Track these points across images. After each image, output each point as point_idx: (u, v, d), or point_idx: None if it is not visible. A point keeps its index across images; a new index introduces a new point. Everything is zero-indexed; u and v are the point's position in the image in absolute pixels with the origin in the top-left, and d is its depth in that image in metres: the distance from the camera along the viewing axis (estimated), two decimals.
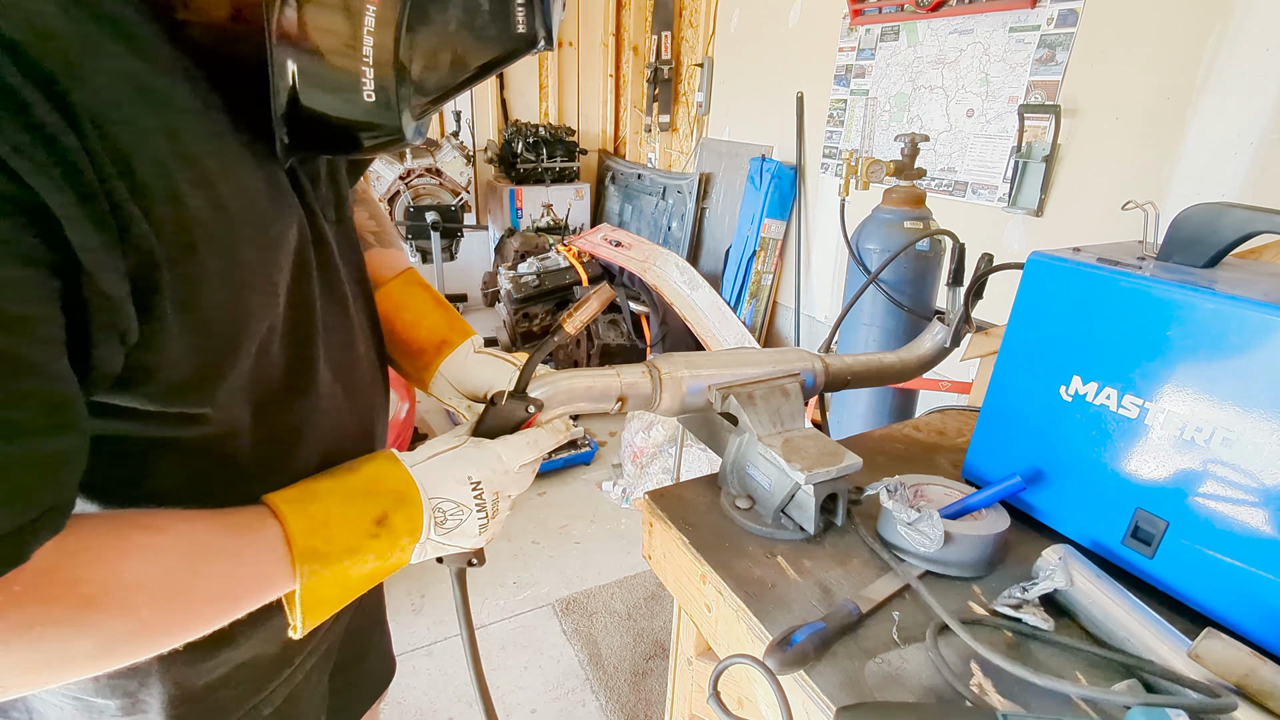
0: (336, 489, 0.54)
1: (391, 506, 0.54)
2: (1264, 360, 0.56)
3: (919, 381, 2.07)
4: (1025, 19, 2.14)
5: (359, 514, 0.53)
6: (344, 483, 0.54)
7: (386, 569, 0.54)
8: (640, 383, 0.72)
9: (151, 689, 0.55)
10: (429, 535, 0.56)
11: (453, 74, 0.50)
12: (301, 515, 0.50)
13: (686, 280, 3.34)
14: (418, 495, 0.55)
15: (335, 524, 0.51)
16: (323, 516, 0.51)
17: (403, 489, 0.55)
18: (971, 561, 0.68)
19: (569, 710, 1.72)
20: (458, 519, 0.58)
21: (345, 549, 0.51)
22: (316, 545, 0.49)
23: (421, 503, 0.55)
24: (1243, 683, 0.51)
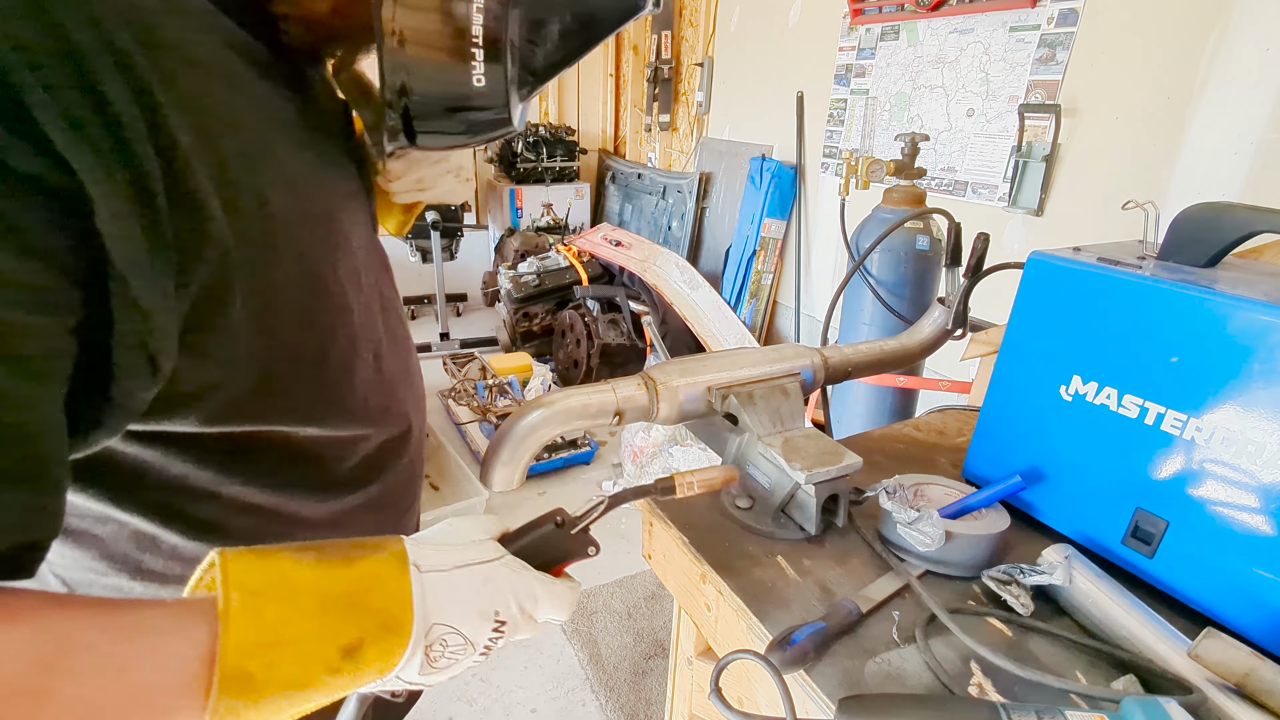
0: (315, 587, 0.39)
1: (371, 634, 0.39)
2: (1264, 360, 0.56)
3: (919, 381, 2.07)
4: (1025, 18, 2.14)
5: (326, 636, 0.38)
6: (328, 579, 0.39)
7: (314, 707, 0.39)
8: (636, 395, 0.72)
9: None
10: (404, 672, 0.41)
11: (561, 47, 0.47)
12: (252, 618, 0.36)
13: (686, 280, 3.34)
14: (409, 624, 0.40)
15: (289, 645, 0.37)
16: (279, 629, 0.36)
17: (395, 611, 0.40)
18: (972, 561, 0.68)
19: (569, 710, 1.72)
20: (453, 659, 0.43)
21: (287, 682, 0.36)
22: (252, 671, 0.35)
23: (410, 635, 0.40)
24: (1243, 683, 0.51)
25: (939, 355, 1.05)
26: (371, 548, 0.42)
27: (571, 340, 3.36)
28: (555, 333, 3.50)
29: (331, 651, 0.38)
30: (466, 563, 0.44)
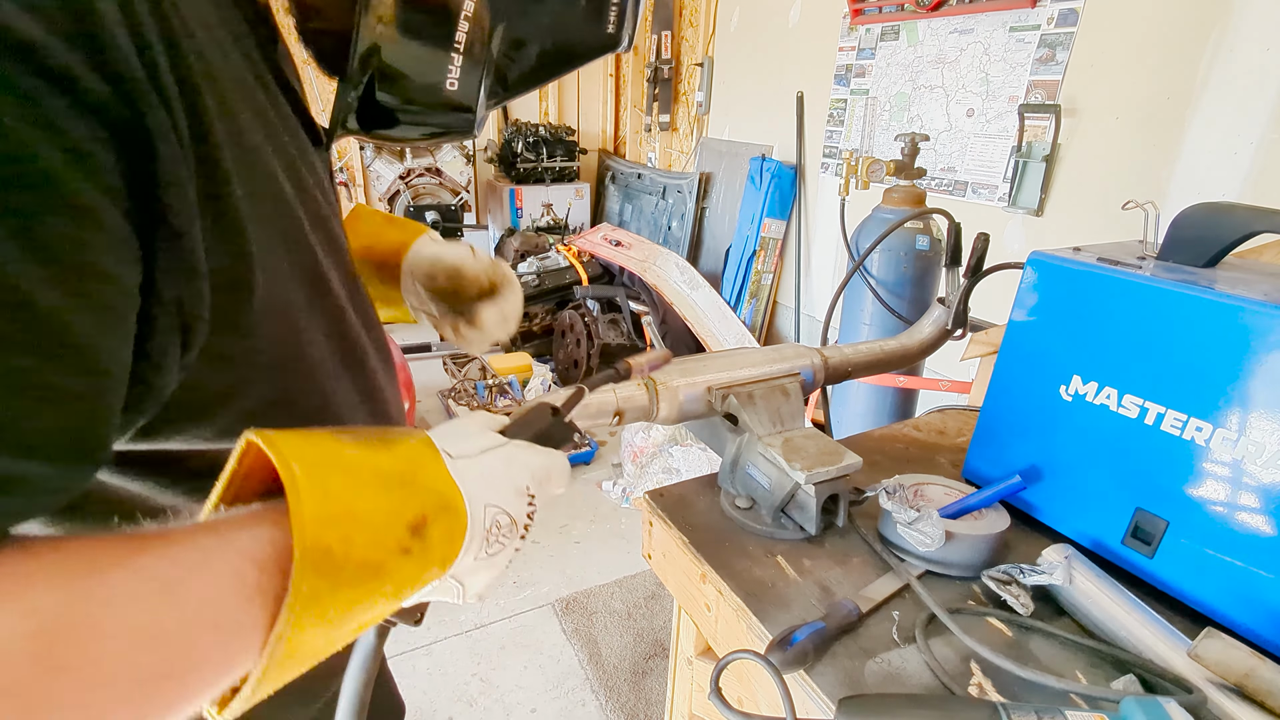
0: (367, 463, 0.35)
1: (433, 511, 0.37)
2: (1264, 360, 0.56)
3: (919, 381, 2.07)
4: (1025, 18, 2.14)
5: (393, 509, 0.35)
6: (376, 458, 0.36)
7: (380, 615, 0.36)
8: (636, 396, 0.72)
9: None
10: (465, 559, 0.39)
11: (535, 69, 0.49)
12: (319, 489, 0.32)
13: (686, 280, 3.34)
14: (462, 503, 0.39)
15: (362, 519, 0.33)
16: (346, 500, 0.33)
17: (445, 491, 0.38)
18: (972, 561, 0.68)
19: (569, 710, 1.72)
20: (503, 543, 0.42)
21: (363, 562, 0.33)
22: (330, 545, 0.31)
23: (468, 513, 0.39)
24: (1243, 683, 0.51)
25: (939, 355, 1.05)
26: (400, 434, 0.40)
27: (571, 340, 3.36)
28: (555, 333, 3.50)
29: (401, 528, 0.35)
30: (488, 448, 0.44)
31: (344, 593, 0.32)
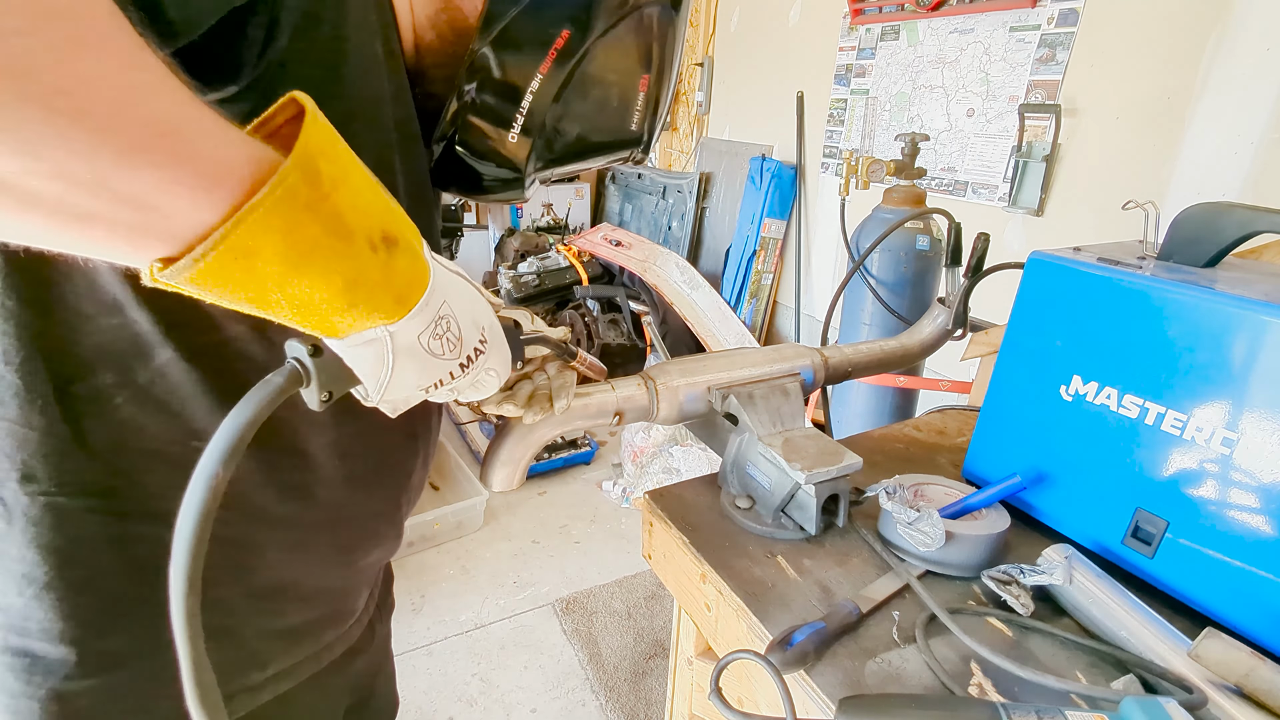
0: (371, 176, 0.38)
1: (405, 244, 0.39)
2: (1264, 360, 0.56)
3: (919, 381, 2.07)
4: (1025, 18, 2.14)
5: (377, 205, 0.37)
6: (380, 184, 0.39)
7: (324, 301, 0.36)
8: (636, 395, 0.72)
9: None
10: (408, 326, 0.40)
11: (575, 146, 0.60)
12: (326, 135, 0.34)
13: (686, 280, 3.34)
14: (427, 272, 0.41)
15: (352, 181, 0.35)
16: (344, 164, 0.35)
17: (419, 251, 0.41)
18: (972, 561, 0.68)
19: (569, 710, 1.72)
20: (445, 349, 0.44)
21: (340, 215, 0.34)
22: (321, 169, 0.33)
23: (429, 281, 0.41)
24: (1243, 683, 0.51)
25: (939, 355, 1.05)
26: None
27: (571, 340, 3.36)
28: None
29: (376, 223, 0.37)
30: (460, 274, 0.48)
31: (311, 223, 0.33)
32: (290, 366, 0.40)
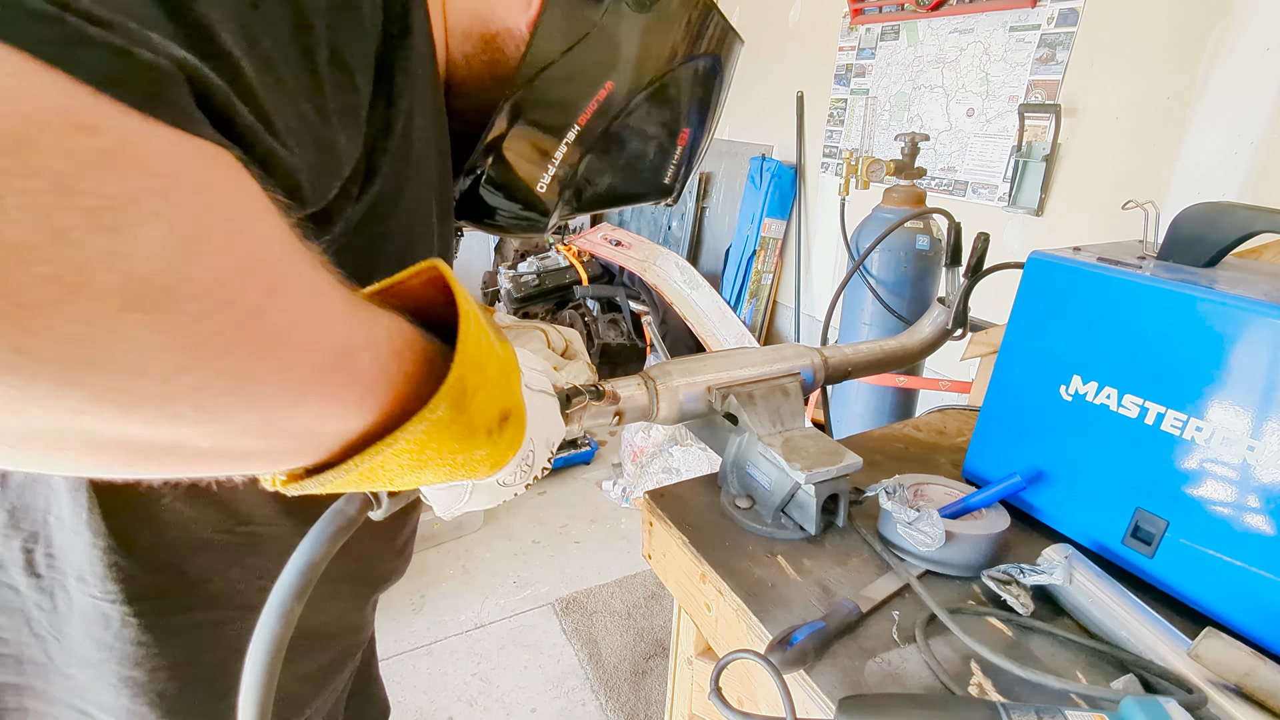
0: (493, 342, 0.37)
1: (514, 412, 0.38)
2: (1264, 360, 0.56)
3: (919, 381, 2.07)
4: (1025, 18, 2.14)
5: (500, 389, 0.36)
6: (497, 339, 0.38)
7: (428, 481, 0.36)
8: (636, 395, 0.72)
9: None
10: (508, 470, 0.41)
11: (604, 193, 0.59)
12: (476, 332, 0.33)
13: (686, 280, 3.34)
14: (525, 421, 0.41)
15: (488, 378, 0.34)
16: (482, 357, 0.34)
17: (520, 401, 0.40)
18: (972, 561, 0.68)
19: (569, 710, 1.72)
20: (523, 477, 0.44)
21: (472, 418, 0.33)
22: (466, 386, 0.32)
23: (526, 432, 0.40)
24: (1243, 683, 0.51)
25: (939, 355, 1.05)
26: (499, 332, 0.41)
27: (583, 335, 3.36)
28: None
29: (498, 410, 0.36)
30: (543, 390, 0.46)
31: (447, 438, 0.32)
32: (360, 494, 0.39)
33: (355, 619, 0.66)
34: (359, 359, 0.28)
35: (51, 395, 0.18)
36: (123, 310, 0.18)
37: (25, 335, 0.17)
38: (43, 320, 0.17)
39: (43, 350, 0.17)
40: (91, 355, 0.18)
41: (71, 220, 0.17)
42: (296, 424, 0.26)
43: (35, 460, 0.21)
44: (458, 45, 0.52)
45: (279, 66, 0.31)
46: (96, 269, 0.18)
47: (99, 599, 0.47)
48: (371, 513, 0.39)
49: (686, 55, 0.55)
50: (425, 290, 0.35)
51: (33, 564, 0.47)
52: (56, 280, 0.17)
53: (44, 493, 0.45)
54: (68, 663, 0.50)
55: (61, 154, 0.17)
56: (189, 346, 0.20)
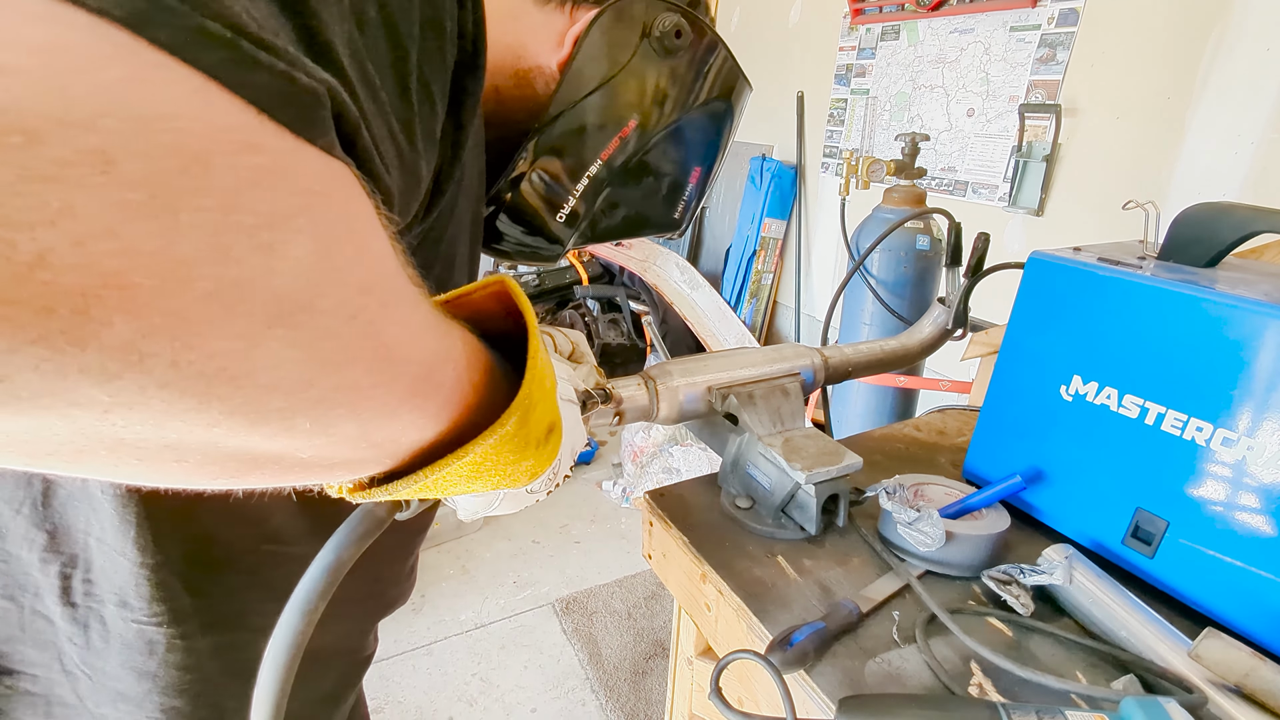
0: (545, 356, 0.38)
1: (557, 424, 0.40)
2: (1264, 360, 0.56)
3: (919, 381, 2.07)
4: (1026, 18, 2.14)
5: (550, 402, 0.38)
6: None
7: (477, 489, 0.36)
8: (636, 396, 0.72)
9: None
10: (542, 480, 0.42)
11: (616, 226, 0.62)
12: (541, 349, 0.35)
13: (686, 280, 3.34)
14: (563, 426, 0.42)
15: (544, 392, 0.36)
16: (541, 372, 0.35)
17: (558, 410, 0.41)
18: (972, 561, 0.68)
19: (569, 710, 1.72)
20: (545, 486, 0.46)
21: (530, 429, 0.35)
22: (532, 398, 0.33)
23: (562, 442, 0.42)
24: (1243, 683, 0.51)
25: (939, 355, 1.05)
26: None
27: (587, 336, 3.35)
28: None
29: (547, 423, 0.37)
30: (570, 400, 0.47)
31: (507, 451, 0.33)
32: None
33: (359, 642, 0.66)
34: (445, 371, 0.29)
35: (194, 410, 0.19)
36: (268, 326, 0.19)
37: (184, 350, 0.17)
38: (200, 336, 0.17)
39: (196, 365, 0.18)
40: (235, 370, 0.19)
41: (233, 237, 0.17)
42: (386, 435, 0.27)
43: (153, 471, 0.21)
44: (490, 78, 0.53)
45: (380, 92, 0.31)
46: (251, 286, 0.18)
47: (144, 623, 0.46)
48: (399, 514, 0.40)
49: (703, 99, 0.57)
50: (486, 303, 0.36)
51: (69, 591, 0.46)
52: (216, 296, 0.17)
53: (85, 513, 0.44)
54: (99, 702, 0.48)
55: (230, 172, 0.17)
56: (318, 361, 0.21)
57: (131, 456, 0.20)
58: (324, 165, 0.21)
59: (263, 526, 0.49)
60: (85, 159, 0.15)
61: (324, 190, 0.21)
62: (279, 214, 0.19)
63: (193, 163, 0.17)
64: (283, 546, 0.51)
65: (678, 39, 0.53)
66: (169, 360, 0.17)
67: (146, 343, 0.16)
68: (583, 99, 0.52)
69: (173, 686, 0.48)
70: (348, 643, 0.63)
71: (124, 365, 0.16)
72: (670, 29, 0.53)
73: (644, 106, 0.54)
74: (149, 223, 0.16)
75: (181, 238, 0.16)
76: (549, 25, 0.53)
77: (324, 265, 0.20)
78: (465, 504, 0.43)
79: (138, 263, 0.16)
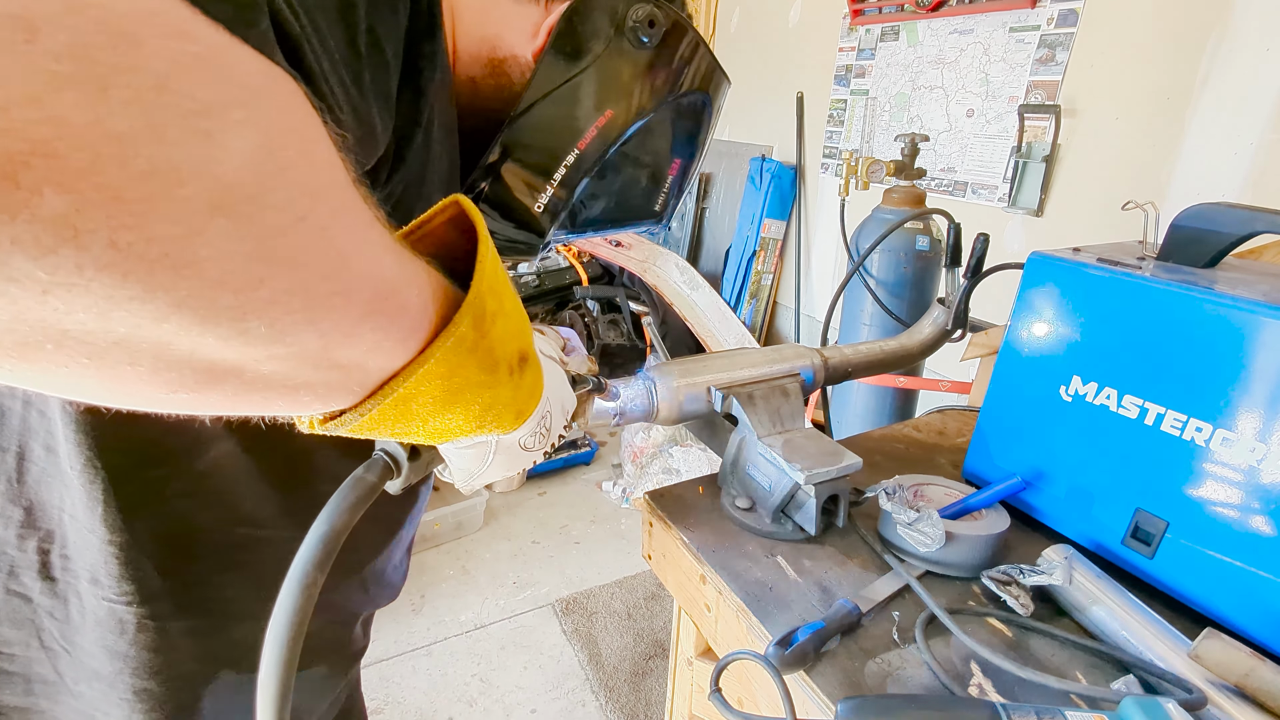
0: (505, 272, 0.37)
1: (531, 358, 0.40)
2: (1263, 360, 0.56)
3: (919, 381, 2.07)
4: (1025, 19, 2.14)
5: (519, 327, 0.37)
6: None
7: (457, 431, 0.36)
8: (637, 396, 0.73)
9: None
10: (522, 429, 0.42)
11: (596, 217, 0.61)
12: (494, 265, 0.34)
13: (686, 280, 3.34)
14: (540, 366, 0.42)
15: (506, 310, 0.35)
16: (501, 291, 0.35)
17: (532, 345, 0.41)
18: (972, 561, 0.68)
19: (569, 710, 1.72)
20: (539, 443, 0.45)
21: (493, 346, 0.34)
22: (486, 308, 0.33)
23: (544, 390, 0.43)
24: (1243, 683, 0.51)
25: (939, 355, 1.05)
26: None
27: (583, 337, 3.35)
28: None
29: (515, 347, 0.37)
30: (551, 357, 0.49)
31: (470, 364, 0.33)
32: (381, 460, 0.39)
33: (346, 634, 0.66)
34: (408, 294, 0.29)
35: (139, 298, 0.19)
36: (211, 214, 0.19)
37: (122, 230, 0.17)
38: (139, 216, 0.18)
39: (136, 247, 0.18)
40: (179, 258, 0.19)
41: (169, 118, 0.18)
42: (350, 355, 0.27)
43: (107, 377, 0.21)
44: (465, 68, 0.54)
45: (326, 36, 0.32)
46: (190, 170, 0.18)
47: (114, 601, 0.46)
48: (390, 483, 0.40)
49: (679, 90, 0.58)
50: (447, 233, 0.36)
51: (48, 566, 0.46)
52: (153, 176, 0.18)
53: (58, 489, 0.45)
54: (77, 679, 0.49)
55: (162, 55, 0.18)
56: (266, 258, 0.21)
57: (80, 354, 0.20)
58: (262, 66, 0.21)
59: (234, 510, 0.49)
60: (6, 25, 0.15)
61: (263, 89, 0.21)
62: (216, 104, 0.19)
63: (120, 40, 0.17)
64: (256, 530, 0.51)
65: (651, 29, 0.54)
66: (106, 239, 0.17)
67: (81, 218, 0.17)
68: (557, 88, 0.52)
69: (144, 668, 0.48)
70: (334, 634, 0.63)
71: (58, 240, 0.16)
72: (643, 19, 0.53)
73: (619, 97, 0.54)
74: (75, 94, 0.16)
75: (112, 114, 0.17)
76: (524, 17, 0.54)
77: (267, 162, 0.21)
78: (458, 464, 0.43)
79: (65, 133, 0.16)
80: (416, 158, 0.44)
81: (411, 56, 0.41)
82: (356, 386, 0.30)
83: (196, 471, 0.47)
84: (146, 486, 0.45)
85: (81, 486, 0.44)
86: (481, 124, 0.54)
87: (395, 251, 0.29)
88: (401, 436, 0.34)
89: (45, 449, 0.44)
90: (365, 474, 0.38)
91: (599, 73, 0.53)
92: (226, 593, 0.51)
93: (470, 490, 0.46)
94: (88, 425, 0.42)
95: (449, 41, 0.52)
